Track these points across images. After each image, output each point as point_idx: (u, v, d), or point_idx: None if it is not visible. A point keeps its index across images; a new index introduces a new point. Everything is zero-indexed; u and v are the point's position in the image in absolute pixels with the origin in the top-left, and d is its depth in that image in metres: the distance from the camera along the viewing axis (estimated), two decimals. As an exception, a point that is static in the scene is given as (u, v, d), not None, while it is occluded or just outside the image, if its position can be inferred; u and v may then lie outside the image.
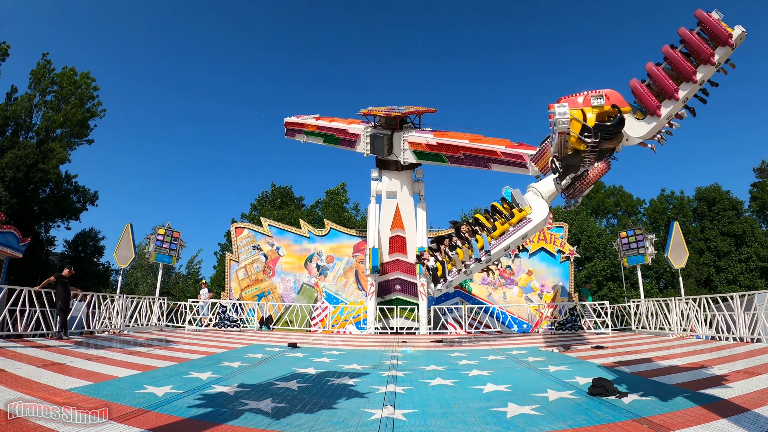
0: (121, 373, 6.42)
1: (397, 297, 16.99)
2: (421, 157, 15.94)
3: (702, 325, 13.11)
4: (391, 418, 4.47)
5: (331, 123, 18.26)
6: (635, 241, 17.72)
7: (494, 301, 19.08)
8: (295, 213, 32.16)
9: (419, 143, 15.54)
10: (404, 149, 16.02)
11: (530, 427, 4.16)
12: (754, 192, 34.81)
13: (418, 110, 16.09)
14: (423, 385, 6.30)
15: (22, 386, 5.17)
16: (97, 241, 32.30)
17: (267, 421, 4.32)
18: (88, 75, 30.87)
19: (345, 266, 19.90)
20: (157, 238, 17.80)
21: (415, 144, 15.65)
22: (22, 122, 28.33)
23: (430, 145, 15.25)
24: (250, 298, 19.20)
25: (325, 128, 18.37)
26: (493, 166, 14.01)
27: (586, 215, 34.28)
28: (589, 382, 5.67)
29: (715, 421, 4.06)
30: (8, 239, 16.82)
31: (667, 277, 32.25)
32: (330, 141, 18.57)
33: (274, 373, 7.07)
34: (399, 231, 17.12)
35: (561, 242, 19.63)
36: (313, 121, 18.79)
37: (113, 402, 4.67)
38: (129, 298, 15.28)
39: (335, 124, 18.14)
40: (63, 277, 11.23)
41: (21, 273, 23.81)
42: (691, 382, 5.86)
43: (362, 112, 16.73)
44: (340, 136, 17.98)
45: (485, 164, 14.17)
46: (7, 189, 24.90)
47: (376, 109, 16.49)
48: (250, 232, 20.43)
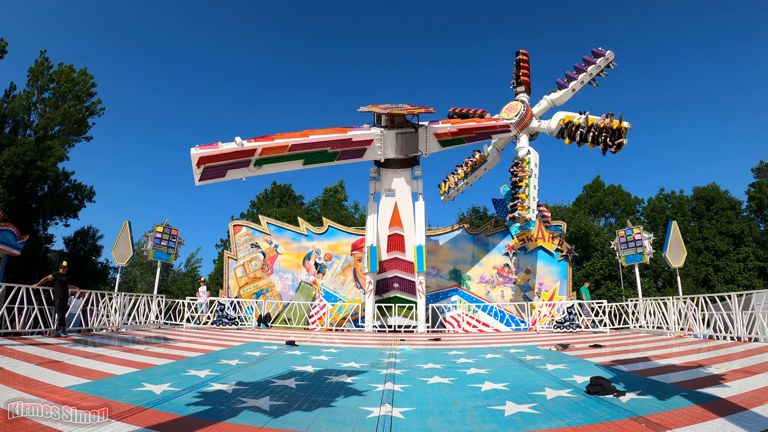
0: (119, 371, 6.41)
1: (396, 295, 17.00)
2: (446, 144, 16.96)
3: (700, 325, 13.15)
4: (389, 416, 4.47)
5: (316, 137, 14.67)
6: (633, 240, 17.78)
7: (492, 299, 19.11)
8: (294, 211, 32.13)
9: (444, 133, 16.65)
10: (428, 142, 16.60)
11: (528, 425, 4.17)
12: (752, 192, 34.87)
13: (417, 110, 16.03)
14: (421, 383, 6.30)
15: (21, 384, 5.16)
16: (95, 239, 32.23)
17: (265, 419, 4.32)
18: (86, 72, 30.67)
19: (343, 264, 19.91)
20: (155, 235, 17.75)
21: (441, 134, 16.64)
22: (20, 120, 28.22)
23: (452, 132, 16.63)
24: (248, 296, 19.20)
25: (308, 144, 14.46)
26: (494, 136, 18.20)
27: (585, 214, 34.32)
28: (586, 381, 5.68)
29: (713, 420, 4.07)
30: (6, 237, 16.78)
31: (665, 276, 32.30)
32: (316, 160, 14.93)
33: (272, 371, 7.07)
34: (397, 229, 17.12)
35: (559, 241, 19.67)
36: (269, 143, 13.85)
37: (111, 400, 4.66)
38: (127, 296, 15.26)
39: (324, 137, 14.82)
40: (61, 275, 11.21)
41: (19, 271, 23.76)
42: (689, 381, 5.88)
43: (363, 110, 16.19)
44: (336, 149, 15.12)
45: (489, 137, 17.91)
46: (5, 186, 24.81)
47: (377, 107, 16.20)
48: (249, 230, 20.41)
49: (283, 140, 14.16)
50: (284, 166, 14.74)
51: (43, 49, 29.78)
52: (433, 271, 19.50)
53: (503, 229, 20.13)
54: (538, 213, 17.42)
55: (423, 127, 16.52)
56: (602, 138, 15.59)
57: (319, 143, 14.72)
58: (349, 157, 15.73)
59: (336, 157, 15.27)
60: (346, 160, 15.72)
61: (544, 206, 21.12)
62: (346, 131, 15.46)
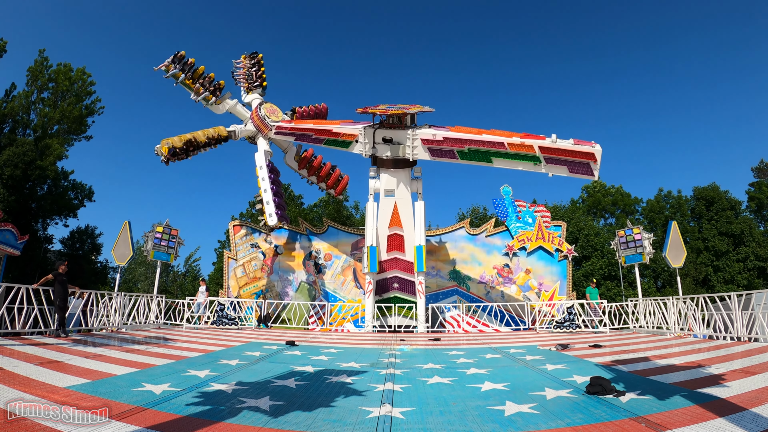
0: (119, 371, 6.41)
1: (395, 295, 17.00)
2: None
3: (699, 325, 13.16)
4: (388, 416, 4.47)
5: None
6: (633, 240, 17.78)
7: (492, 299, 19.11)
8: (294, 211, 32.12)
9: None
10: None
11: (528, 425, 4.17)
12: (752, 192, 34.89)
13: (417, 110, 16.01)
14: (421, 383, 6.30)
15: (20, 384, 5.16)
16: (94, 238, 32.16)
17: (265, 419, 4.32)
18: (84, 71, 30.61)
19: (343, 264, 19.90)
20: (155, 235, 17.77)
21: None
22: (20, 119, 28.21)
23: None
24: (248, 296, 19.19)
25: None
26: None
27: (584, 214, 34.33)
28: (586, 381, 5.68)
29: (713, 420, 4.07)
30: (6, 237, 16.79)
31: (664, 276, 32.32)
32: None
33: (272, 371, 7.07)
34: (397, 229, 17.11)
35: (559, 241, 19.67)
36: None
37: (111, 400, 4.66)
38: (127, 296, 15.26)
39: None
40: (61, 275, 11.20)
41: (19, 271, 23.76)
42: (689, 381, 5.88)
43: (359, 111, 16.31)
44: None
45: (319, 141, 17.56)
46: (4, 186, 24.81)
47: (372, 108, 16.25)
48: (249, 230, 20.41)
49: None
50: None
51: (42, 48, 29.79)
52: (433, 271, 19.49)
53: (503, 229, 20.13)
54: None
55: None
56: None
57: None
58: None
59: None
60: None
61: (544, 206, 21.14)
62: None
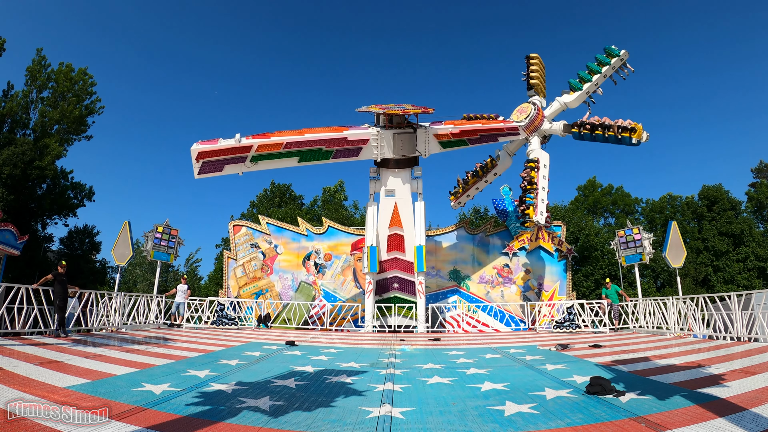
0: (118, 371, 6.40)
1: (395, 295, 17.00)
2: (447, 145, 16.78)
3: (699, 325, 13.15)
4: (388, 416, 4.47)
5: (311, 135, 15.15)
6: (633, 240, 17.78)
7: (492, 299, 19.11)
8: (295, 212, 32.15)
9: (445, 134, 16.45)
10: (428, 143, 16.40)
11: (528, 425, 4.16)
12: (751, 192, 34.91)
13: (415, 110, 16.01)
14: (421, 383, 6.30)
15: (20, 384, 5.16)
16: (93, 237, 32.09)
17: (265, 419, 4.32)
18: (86, 71, 30.57)
19: (343, 264, 19.90)
20: (155, 235, 17.75)
21: (441, 135, 16.44)
22: (19, 119, 28.16)
23: (454, 134, 16.40)
24: (248, 296, 19.19)
25: (303, 143, 14.99)
26: (501, 139, 17.34)
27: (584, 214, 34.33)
28: (586, 381, 5.68)
29: (713, 420, 4.07)
30: (6, 237, 16.78)
31: (664, 276, 32.33)
32: (312, 158, 15.45)
33: (271, 371, 7.07)
34: (397, 229, 17.11)
35: (559, 241, 19.67)
36: (265, 140, 14.60)
37: (111, 400, 4.66)
38: (127, 296, 15.25)
39: (318, 135, 15.24)
40: (61, 275, 11.19)
41: (19, 271, 23.74)
42: (689, 381, 5.87)
43: (362, 110, 16.21)
44: (331, 148, 15.41)
45: (496, 139, 17.24)
46: (4, 186, 24.79)
47: (376, 107, 16.18)
48: (249, 230, 20.41)
49: (278, 138, 14.72)
50: (280, 163, 15.35)
51: (39, 48, 29.60)
52: (433, 271, 19.49)
53: (503, 229, 20.13)
54: (548, 215, 17.25)
55: (423, 128, 16.40)
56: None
57: (313, 141, 15.18)
58: (344, 156, 15.99)
59: (331, 156, 15.67)
60: (342, 158, 16.01)
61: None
62: (342, 130, 15.70)
